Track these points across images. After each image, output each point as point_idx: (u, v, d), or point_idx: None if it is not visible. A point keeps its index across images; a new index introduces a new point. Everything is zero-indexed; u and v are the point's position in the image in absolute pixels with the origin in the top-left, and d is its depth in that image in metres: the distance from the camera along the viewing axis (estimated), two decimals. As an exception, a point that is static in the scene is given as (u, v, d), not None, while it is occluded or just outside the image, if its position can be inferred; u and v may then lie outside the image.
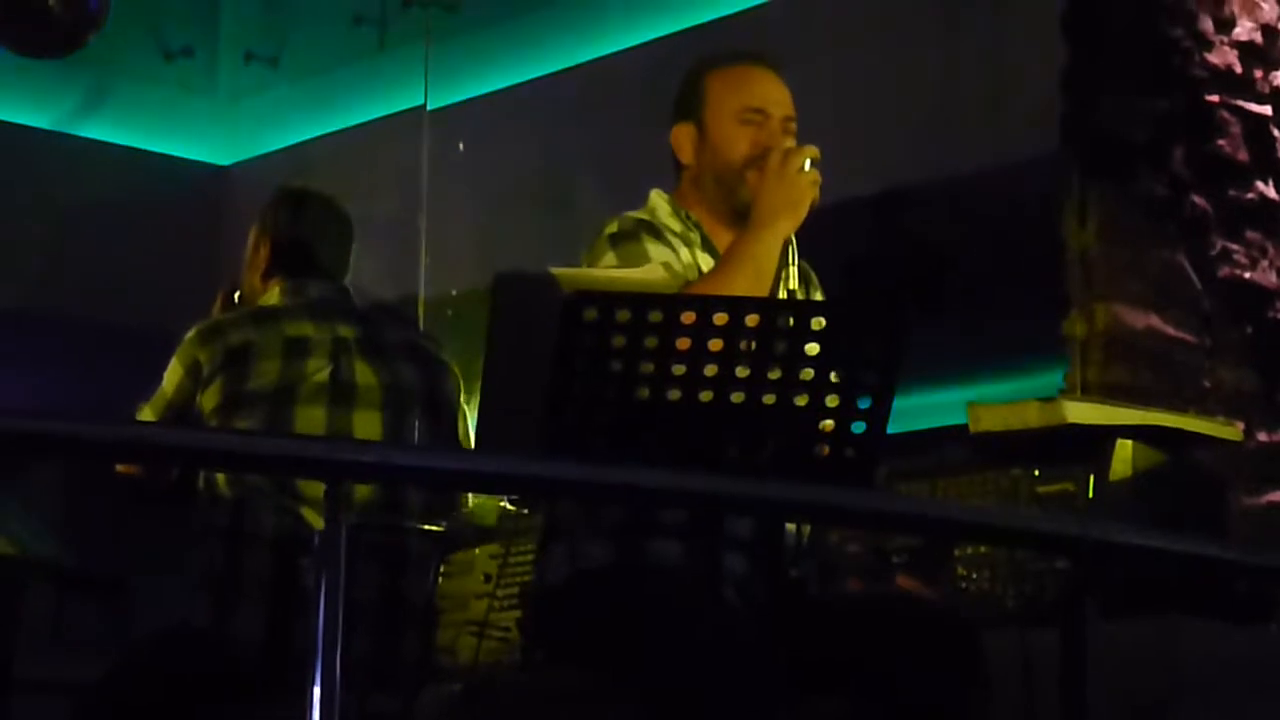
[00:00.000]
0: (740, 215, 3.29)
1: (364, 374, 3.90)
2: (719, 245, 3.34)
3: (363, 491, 3.81)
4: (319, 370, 3.87)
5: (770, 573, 3.22)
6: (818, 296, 3.45)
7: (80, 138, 7.61)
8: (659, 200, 3.38)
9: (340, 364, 3.88)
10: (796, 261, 3.24)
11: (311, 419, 3.82)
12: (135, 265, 7.54)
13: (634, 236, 3.26)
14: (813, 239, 3.31)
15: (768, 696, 2.94)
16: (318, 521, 2.70)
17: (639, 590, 3.13)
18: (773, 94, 3.38)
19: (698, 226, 3.35)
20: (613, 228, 3.29)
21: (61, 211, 7.52)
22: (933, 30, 5.92)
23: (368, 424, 3.88)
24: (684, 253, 3.29)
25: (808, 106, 3.43)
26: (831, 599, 3.29)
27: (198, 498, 3.88)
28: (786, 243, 3.24)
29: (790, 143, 3.32)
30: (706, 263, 3.29)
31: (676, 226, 3.33)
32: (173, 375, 3.90)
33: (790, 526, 3.25)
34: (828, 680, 3.14)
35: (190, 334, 3.91)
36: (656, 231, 3.29)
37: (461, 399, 4.03)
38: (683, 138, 3.39)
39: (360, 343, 3.93)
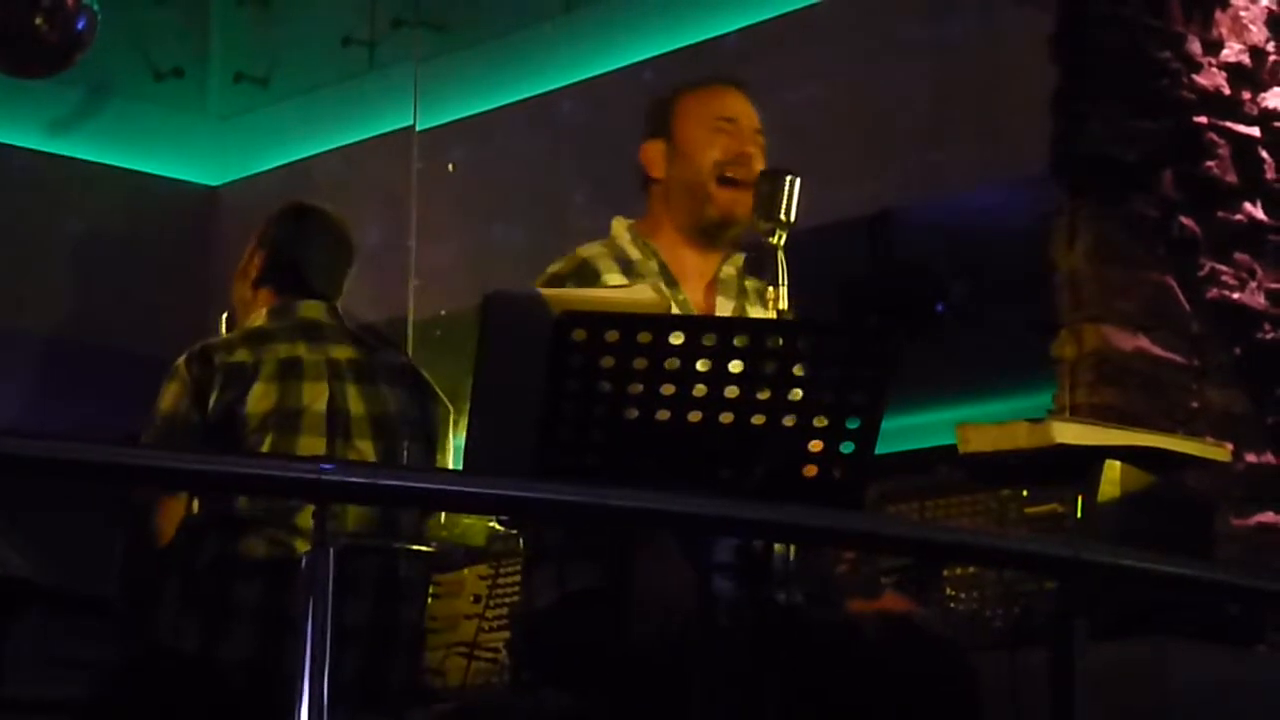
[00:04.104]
0: (705, 232, 3.36)
1: (355, 402, 3.89)
2: (682, 268, 3.39)
3: (354, 514, 3.80)
4: (317, 399, 3.85)
5: (758, 595, 3.21)
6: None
7: (69, 158, 7.59)
8: (619, 228, 3.44)
9: (334, 391, 3.87)
10: (786, 282, 3.25)
11: (313, 450, 3.81)
12: (124, 285, 7.52)
13: (560, 284, 3.33)
14: (806, 262, 3.32)
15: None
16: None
17: (626, 613, 3.12)
18: (741, 106, 3.47)
19: (655, 254, 3.38)
20: (554, 266, 3.39)
21: (50, 231, 7.50)
22: (923, 52, 5.92)
23: (363, 455, 3.86)
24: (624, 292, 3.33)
25: (800, 128, 3.46)
26: (821, 621, 3.28)
27: (189, 520, 3.86)
28: (776, 262, 3.25)
29: (760, 156, 3.37)
30: (663, 292, 3.33)
31: (634, 255, 3.38)
32: (174, 396, 3.84)
33: (778, 548, 3.25)
34: (818, 704, 3.13)
35: (182, 360, 3.89)
36: (589, 277, 3.33)
37: (450, 430, 4.03)
38: (653, 153, 3.45)
39: (352, 366, 3.92)
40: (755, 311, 3.50)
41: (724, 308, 3.45)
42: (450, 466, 4.02)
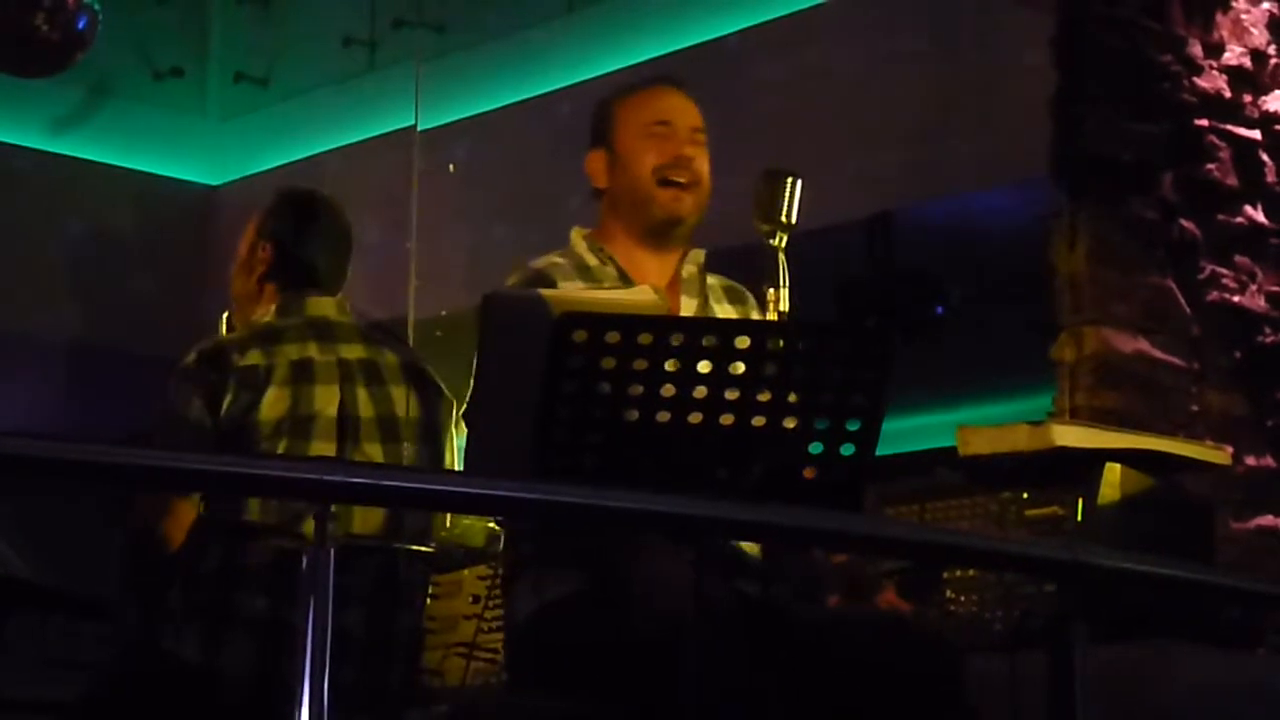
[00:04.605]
0: (654, 232, 3.40)
1: (365, 404, 3.88)
2: (638, 269, 3.41)
3: (359, 516, 3.80)
4: (329, 404, 3.83)
5: (743, 592, 3.22)
6: (753, 315, 3.49)
7: (69, 157, 7.60)
8: (577, 238, 3.48)
9: (345, 395, 3.86)
10: (787, 283, 3.25)
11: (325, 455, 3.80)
12: (124, 285, 7.52)
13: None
14: (804, 263, 3.32)
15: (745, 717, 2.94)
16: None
17: (608, 617, 3.12)
18: (676, 106, 3.48)
19: (612, 260, 3.41)
20: (510, 278, 3.43)
21: (50, 231, 7.51)
22: (922, 53, 5.92)
23: (370, 458, 3.85)
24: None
25: (799, 129, 3.45)
26: (809, 618, 3.28)
27: (195, 524, 3.85)
28: (777, 264, 3.26)
29: (700, 153, 3.36)
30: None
31: (592, 262, 3.42)
32: (186, 398, 3.80)
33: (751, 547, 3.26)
34: (805, 701, 3.13)
35: (192, 357, 3.84)
36: (547, 284, 3.33)
37: (453, 425, 4.02)
38: (595, 163, 3.50)
39: (362, 365, 3.91)
40: (720, 309, 3.51)
41: (687, 307, 3.47)
42: (453, 463, 4.02)
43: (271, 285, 4.01)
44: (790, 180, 3.30)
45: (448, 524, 4.60)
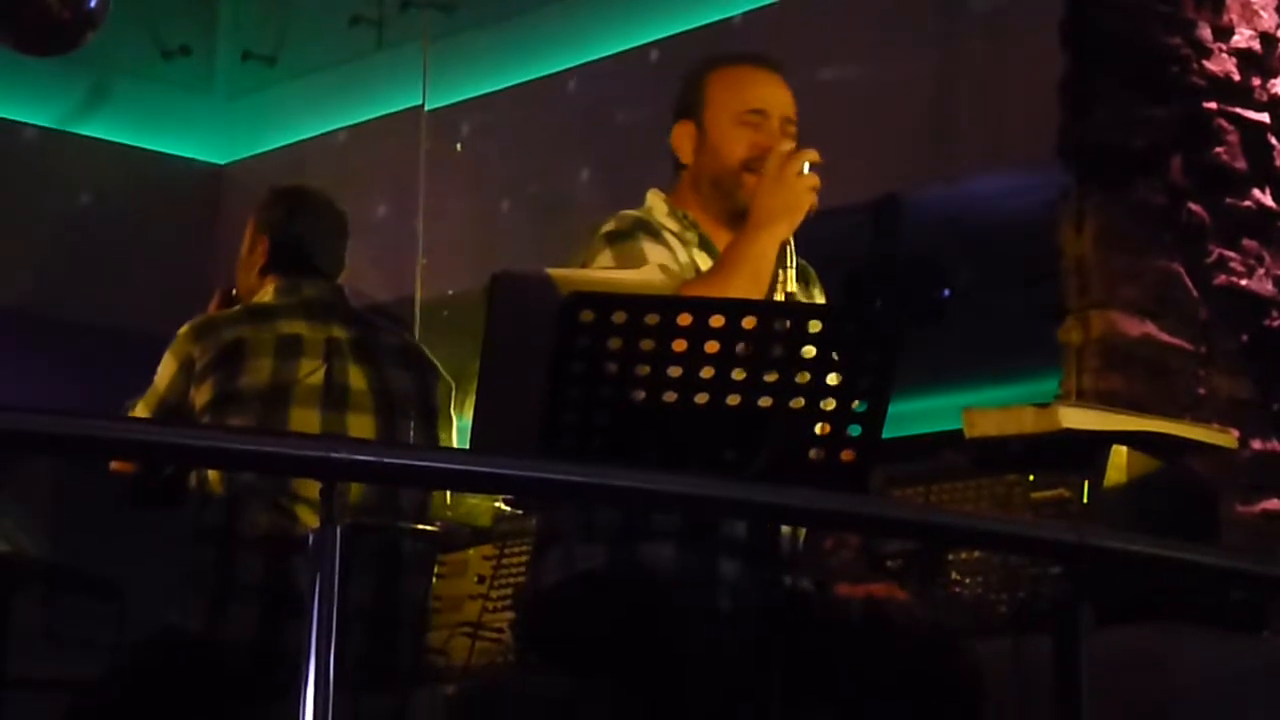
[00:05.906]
0: (737, 216, 3.28)
1: (356, 377, 3.90)
2: (717, 245, 3.33)
3: (357, 491, 3.81)
4: (313, 372, 3.86)
5: (765, 577, 3.21)
6: (818, 295, 3.44)
7: (78, 136, 7.60)
8: (655, 200, 3.36)
9: (333, 366, 3.88)
10: (795, 263, 3.23)
11: (305, 421, 3.82)
12: (132, 263, 7.53)
13: (630, 235, 3.25)
14: (811, 246, 3.31)
15: (760, 702, 2.94)
16: (312, 520, 2.70)
17: (633, 594, 3.12)
18: (773, 95, 3.37)
19: (695, 226, 3.34)
20: (609, 226, 3.28)
21: (58, 209, 7.51)
22: (931, 37, 5.92)
23: (361, 428, 3.87)
24: (681, 252, 3.27)
25: (805, 113, 3.42)
26: (827, 604, 3.29)
27: (191, 496, 3.88)
28: (784, 244, 3.23)
29: (789, 145, 3.30)
30: (705, 262, 3.28)
31: (674, 226, 3.32)
32: (166, 371, 3.90)
33: (785, 530, 3.24)
34: (821, 687, 3.13)
35: (184, 330, 3.92)
36: (653, 231, 3.27)
37: (450, 407, 4.03)
38: (683, 137, 3.37)
39: (354, 345, 3.93)
40: (798, 295, 3.45)
41: None
42: (456, 445, 4.02)
43: (270, 276, 4.05)
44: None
45: (449, 502, 4.61)
